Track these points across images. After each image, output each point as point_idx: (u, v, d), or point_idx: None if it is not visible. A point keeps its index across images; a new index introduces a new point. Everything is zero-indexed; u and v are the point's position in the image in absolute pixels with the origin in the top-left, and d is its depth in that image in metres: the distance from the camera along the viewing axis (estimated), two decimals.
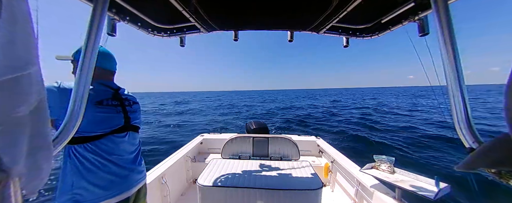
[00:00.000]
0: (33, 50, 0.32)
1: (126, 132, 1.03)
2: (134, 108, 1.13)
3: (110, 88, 1.04)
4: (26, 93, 0.31)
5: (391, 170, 1.71)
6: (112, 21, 1.06)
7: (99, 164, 0.91)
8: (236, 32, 1.48)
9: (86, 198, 0.87)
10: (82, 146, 0.88)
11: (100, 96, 0.97)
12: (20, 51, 0.30)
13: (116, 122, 0.99)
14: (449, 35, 0.59)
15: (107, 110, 0.97)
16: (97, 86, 0.98)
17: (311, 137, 3.38)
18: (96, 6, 0.67)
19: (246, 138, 2.42)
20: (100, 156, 0.91)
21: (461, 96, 0.56)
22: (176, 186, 2.38)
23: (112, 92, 1.03)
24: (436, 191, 1.36)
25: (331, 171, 2.62)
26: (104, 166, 0.92)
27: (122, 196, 0.96)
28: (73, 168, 0.87)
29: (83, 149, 0.88)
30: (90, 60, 0.64)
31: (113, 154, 0.96)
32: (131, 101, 1.13)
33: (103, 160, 0.92)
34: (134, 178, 1.04)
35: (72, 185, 0.86)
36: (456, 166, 0.44)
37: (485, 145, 0.41)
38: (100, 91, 0.99)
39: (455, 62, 0.58)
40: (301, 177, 1.53)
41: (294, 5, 1.10)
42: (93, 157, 0.89)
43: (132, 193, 1.03)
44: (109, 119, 0.97)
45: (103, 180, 0.91)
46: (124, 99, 1.08)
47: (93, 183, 0.88)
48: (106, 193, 0.91)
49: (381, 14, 1.19)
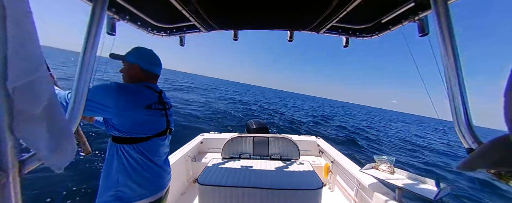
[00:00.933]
0: (39, 51, 0.34)
1: (166, 135, 1.08)
2: (171, 112, 1.18)
3: (155, 91, 1.07)
4: (40, 92, 0.35)
5: (391, 170, 1.70)
6: (112, 20, 1.06)
7: (144, 164, 0.95)
8: (235, 32, 1.48)
9: (128, 195, 0.91)
10: (131, 146, 0.92)
11: (150, 100, 0.99)
12: (31, 53, 0.32)
13: (160, 125, 1.03)
14: (449, 35, 0.59)
15: (154, 113, 1.00)
16: (146, 90, 1.01)
17: (311, 137, 3.38)
18: (95, 5, 0.67)
19: (246, 138, 2.43)
20: (145, 156, 0.95)
21: (461, 96, 0.56)
22: (176, 185, 2.38)
23: (157, 96, 1.05)
24: (436, 191, 1.36)
25: (331, 171, 2.62)
26: (147, 166, 0.96)
27: (157, 195, 1.01)
28: (120, 166, 0.90)
29: (131, 149, 0.92)
30: (90, 59, 0.64)
31: (155, 155, 1.00)
32: (169, 105, 1.17)
33: (147, 160, 0.96)
34: (167, 178, 1.10)
35: (118, 181, 0.90)
36: (456, 167, 0.44)
37: (485, 145, 0.41)
38: (149, 94, 1.01)
39: (454, 63, 0.58)
40: (301, 177, 1.53)
41: (294, 5, 1.10)
42: (139, 157, 0.93)
43: (165, 192, 1.08)
44: (156, 123, 1.01)
45: (144, 179, 0.95)
46: (165, 103, 1.11)
47: (136, 182, 0.92)
48: (145, 192, 0.95)
49: (381, 14, 1.19)
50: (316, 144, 3.19)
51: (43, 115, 0.35)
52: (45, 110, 0.36)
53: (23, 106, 0.32)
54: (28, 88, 0.32)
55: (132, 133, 0.92)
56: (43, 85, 0.35)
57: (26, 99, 0.32)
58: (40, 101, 0.35)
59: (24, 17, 0.31)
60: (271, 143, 2.40)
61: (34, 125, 0.34)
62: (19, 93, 0.31)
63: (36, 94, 0.34)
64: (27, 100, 0.32)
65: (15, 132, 0.32)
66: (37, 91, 0.34)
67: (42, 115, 0.35)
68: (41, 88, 0.35)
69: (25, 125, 0.33)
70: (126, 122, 0.90)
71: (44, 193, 2.81)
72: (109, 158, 0.93)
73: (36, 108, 0.34)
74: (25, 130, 0.33)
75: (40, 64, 0.34)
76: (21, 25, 0.31)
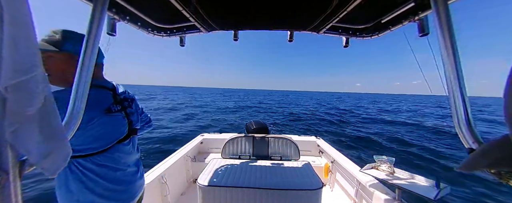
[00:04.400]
0: (36, 51, 0.34)
1: (129, 138, 0.93)
2: (133, 108, 1.01)
3: (107, 89, 0.88)
4: (34, 93, 0.34)
5: (391, 170, 1.71)
6: (112, 20, 1.06)
7: (107, 176, 0.82)
8: (236, 32, 1.48)
9: None
10: (87, 159, 0.77)
11: (106, 102, 0.83)
12: (25, 54, 0.32)
13: (122, 130, 0.89)
14: (449, 35, 0.59)
15: (115, 118, 0.85)
16: (99, 91, 0.83)
17: (311, 137, 3.39)
18: (95, 5, 0.67)
19: (246, 138, 2.43)
20: (108, 167, 0.83)
21: (461, 96, 0.56)
22: (176, 185, 2.38)
23: (111, 94, 0.88)
24: (436, 191, 1.36)
25: (331, 171, 2.62)
26: (113, 177, 0.84)
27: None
28: (78, 184, 0.76)
29: (88, 162, 0.78)
30: (90, 60, 0.64)
31: (119, 163, 0.87)
32: (129, 99, 1.00)
33: (111, 171, 0.84)
34: (138, 184, 0.98)
35: (78, 202, 0.77)
36: (456, 167, 0.44)
37: (485, 145, 0.41)
38: (102, 95, 0.84)
39: (455, 62, 0.58)
40: (301, 177, 1.53)
41: (294, 5, 1.10)
42: (100, 169, 0.80)
43: (137, 199, 0.97)
44: (117, 129, 0.87)
45: (109, 190, 0.83)
46: (124, 100, 0.95)
47: (100, 195, 0.80)
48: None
49: (381, 14, 1.19)
50: (316, 144, 3.19)
51: (36, 117, 0.34)
52: (39, 112, 0.35)
53: (15, 106, 0.31)
54: (20, 88, 0.31)
55: (88, 149, 0.76)
56: (38, 86, 0.34)
57: (17, 99, 0.31)
58: (33, 102, 0.34)
59: (22, 16, 0.31)
60: (271, 143, 2.40)
61: (26, 126, 0.33)
62: (11, 92, 0.30)
63: (30, 95, 0.33)
64: (18, 100, 0.32)
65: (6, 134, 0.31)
66: (31, 91, 0.33)
67: (35, 117, 0.34)
68: (36, 89, 0.34)
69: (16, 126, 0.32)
70: (82, 137, 0.74)
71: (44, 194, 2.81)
72: (62, 179, 0.76)
73: (28, 109, 0.33)
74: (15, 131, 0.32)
75: (35, 64, 0.33)
76: (18, 25, 0.30)
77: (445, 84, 0.60)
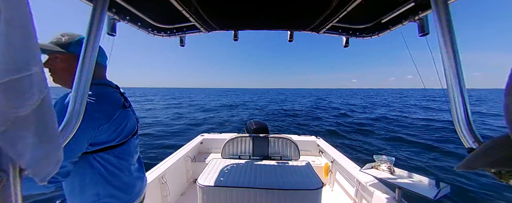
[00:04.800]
0: (34, 51, 0.33)
1: (137, 133, 1.01)
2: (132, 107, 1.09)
3: (114, 88, 0.94)
4: (27, 93, 0.32)
5: (391, 170, 1.70)
6: (112, 20, 1.06)
7: (124, 169, 0.87)
8: (236, 32, 1.49)
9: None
10: (110, 152, 0.82)
11: (120, 99, 0.90)
12: (20, 53, 0.31)
13: (133, 124, 0.96)
14: (449, 35, 0.59)
15: (129, 113, 0.92)
16: (108, 89, 0.88)
17: (311, 137, 3.38)
18: (96, 6, 0.67)
19: (246, 138, 2.43)
20: (125, 159, 0.88)
21: (461, 96, 0.56)
22: (176, 186, 2.38)
23: (118, 93, 0.94)
24: (436, 191, 1.36)
25: (331, 171, 2.62)
26: (128, 170, 0.89)
27: (139, 199, 0.96)
28: (97, 177, 0.79)
29: (111, 155, 0.82)
30: (90, 60, 0.64)
31: (132, 156, 0.93)
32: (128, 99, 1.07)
33: (127, 163, 0.89)
34: (144, 179, 1.04)
35: (98, 195, 0.79)
36: (456, 166, 0.44)
37: (485, 145, 0.41)
38: (115, 93, 0.90)
39: (455, 62, 0.58)
40: (301, 177, 1.53)
41: (294, 5, 1.10)
42: (119, 162, 0.85)
43: (143, 196, 1.01)
44: (131, 122, 0.93)
45: (125, 183, 0.88)
46: (125, 98, 1.01)
47: (118, 188, 0.84)
48: (129, 197, 0.89)
49: (381, 14, 1.19)
50: (316, 144, 3.19)
51: (31, 118, 0.32)
52: (34, 114, 0.33)
53: (3, 106, 0.29)
54: (10, 87, 0.29)
55: (112, 141, 0.82)
56: (33, 86, 0.32)
57: (7, 99, 0.30)
58: (26, 103, 0.32)
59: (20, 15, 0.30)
60: (270, 143, 2.40)
61: (17, 128, 0.31)
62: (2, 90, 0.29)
63: (22, 95, 0.31)
64: (8, 100, 0.30)
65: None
66: (24, 91, 0.31)
67: (29, 118, 0.32)
68: (30, 89, 0.32)
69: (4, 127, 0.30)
70: (108, 132, 0.80)
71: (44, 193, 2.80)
72: (80, 173, 0.77)
73: (19, 109, 0.31)
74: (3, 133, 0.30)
75: (31, 64, 0.32)
76: (15, 23, 0.30)
77: (444, 84, 0.60)
